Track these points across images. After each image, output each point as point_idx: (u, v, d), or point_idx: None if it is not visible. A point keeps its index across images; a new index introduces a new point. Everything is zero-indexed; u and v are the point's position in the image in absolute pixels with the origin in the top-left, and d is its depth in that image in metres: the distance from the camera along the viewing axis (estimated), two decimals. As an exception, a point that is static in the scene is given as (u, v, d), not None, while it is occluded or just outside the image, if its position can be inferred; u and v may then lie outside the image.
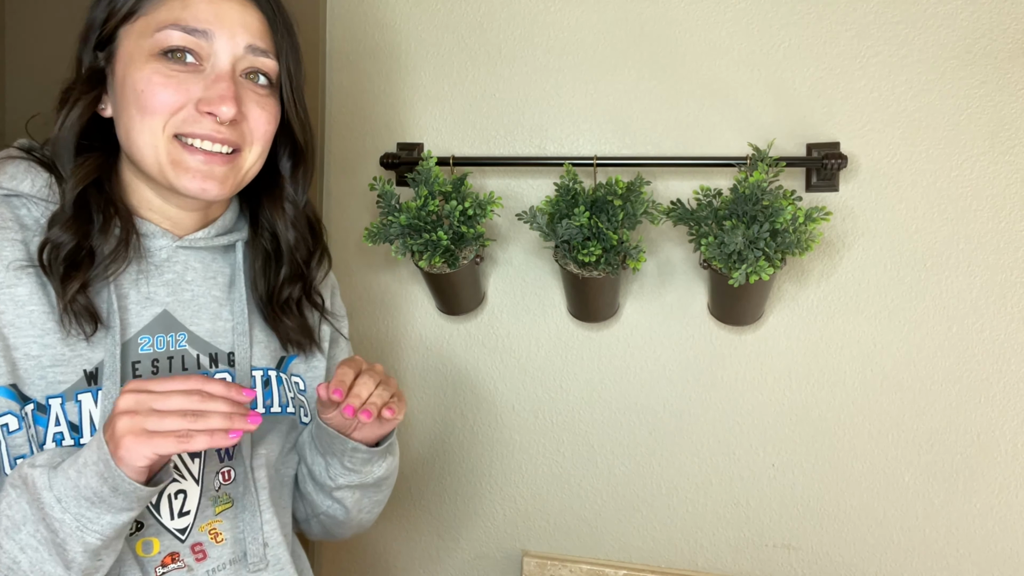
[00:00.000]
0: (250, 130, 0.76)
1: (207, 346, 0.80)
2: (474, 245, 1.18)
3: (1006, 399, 1.18)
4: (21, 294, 0.70)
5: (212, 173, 0.74)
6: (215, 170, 0.74)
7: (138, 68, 0.72)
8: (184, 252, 0.80)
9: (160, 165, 0.73)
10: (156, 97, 0.71)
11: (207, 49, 0.73)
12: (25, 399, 0.69)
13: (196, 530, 0.77)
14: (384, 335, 1.38)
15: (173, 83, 0.71)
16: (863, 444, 1.23)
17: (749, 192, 1.05)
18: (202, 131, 0.73)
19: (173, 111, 0.72)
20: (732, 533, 1.29)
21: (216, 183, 0.74)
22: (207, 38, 0.73)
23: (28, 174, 0.74)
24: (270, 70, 0.77)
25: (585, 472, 1.33)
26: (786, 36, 1.20)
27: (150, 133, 0.72)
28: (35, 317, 0.70)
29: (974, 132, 1.15)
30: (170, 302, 0.78)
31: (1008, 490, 1.19)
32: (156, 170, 0.73)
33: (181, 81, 0.72)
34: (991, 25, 1.14)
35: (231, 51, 0.74)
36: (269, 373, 0.84)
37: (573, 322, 1.31)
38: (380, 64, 1.34)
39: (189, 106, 0.72)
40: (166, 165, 0.73)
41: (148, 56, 0.72)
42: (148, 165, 0.73)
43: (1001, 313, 1.17)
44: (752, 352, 1.25)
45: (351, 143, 1.36)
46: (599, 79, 1.26)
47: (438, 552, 1.40)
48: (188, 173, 0.73)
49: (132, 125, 0.72)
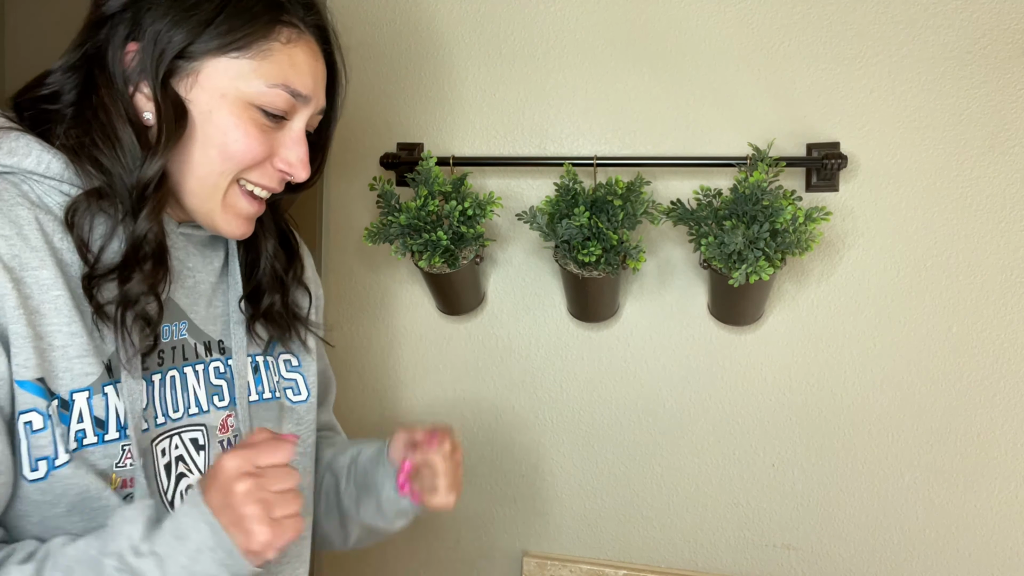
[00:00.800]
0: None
1: (202, 334, 0.79)
2: (474, 245, 1.18)
3: (1006, 399, 1.18)
4: (45, 278, 0.64)
5: (252, 220, 0.76)
6: (254, 215, 0.75)
7: (233, 112, 0.69)
8: (183, 237, 0.77)
9: (210, 203, 0.72)
10: (246, 148, 0.70)
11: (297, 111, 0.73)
12: (52, 395, 0.64)
13: None
14: (384, 335, 1.38)
15: (265, 138, 0.71)
16: (863, 444, 1.23)
17: (749, 192, 1.05)
18: (269, 184, 0.74)
19: (251, 163, 0.71)
20: (732, 533, 1.29)
21: (250, 224, 0.76)
22: (306, 104, 0.73)
23: (31, 149, 0.67)
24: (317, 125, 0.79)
25: (585, 472, 1.33)
26: (786, 36, 1.20)
27: (220, 176, 0.71)
28: (60, 303, 0.65)
29: (974, 132, 1.15)
30: (175, 288, 0.76)
31: (1008, 489, 1.19)
32: (199, 204, 0.72)
33: (270, 137, 0.72)
34: (991, 25, 1.14)
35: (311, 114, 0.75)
36: (257, 359, 0.83)
37: (573, 322, 1.31)
38: (380, 64, 1.34)
39: (264, 159, 0.72)
40: (217, 205, 0.72)
41: (247, 104, 0.70)
42: (194, 197, 0.72)
43: (1001, 313, 1.17)
44: (752, 352, 1.25)
45: (351, 143, 1.36)
46: (599, 79, 1.26)
47: (438, 552, 1.40)
48: (237, 219, 0.74)
49: (203, 162, 0.70)
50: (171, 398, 0.74)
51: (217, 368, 0.79)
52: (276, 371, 0.85)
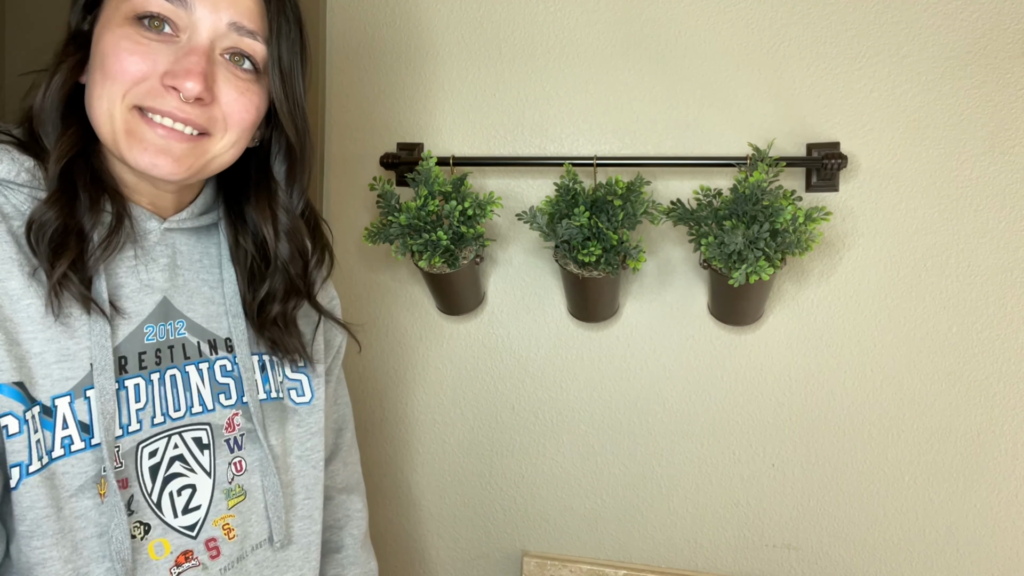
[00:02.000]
0: (223, 115, 0.70)
1: (205, 332, 0.78)
2: (474, 245, 1.18)
3: (1006, 399, 1.18)
4: (14, 288, 0.64)
5: (168, 148, 0.67)
6: (172, 146, 0.67)
7: (110, 31, 0.66)
8: (172, 235, 0.75)
9: (115, 134, 0.67)
10: (120, 63, 0.65)
11: (186, 20, 0.67)
12: (32, 401, 0.64)
13: (210, 525, 0.74)
14: (384, 335, 1.38)
15: (141, 50, 0.66)
16: (863, 444, 1.23)
17: (749, 192, 1.05)
18: (164, 107, 0.66)
19: (136, 80, 0.66)
20: (732, 533, 1.29)
21: (170, 160, 0.68)
22: (186, 7, 0.67)
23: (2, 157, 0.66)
24: (256, 54, 0.70)
25: (585, 472, 1.33)
26: (786, 36, 1.20)
27: (108, 100, 0.66)
28: (32, 311, 0.64)
29: (974, 132, 1.15)
30: (168, 288, 0.74)
31: (1008, 490, 1.19)
32: (111, 140, 0.68)
33: (151, 50, 0.66)
34: (991, 25, 1.14)
35: (211, 25, 0.68)
36: (264, 358, 0.82)
37: (573, 322, 1.30)
38: (380, 64, 1.34)
39: (154, 78, 0.66)
40: (120, 134, 0.67)
41: (123, 20, 0.66)
42: (104, 134, 0.68)
43: (1001, 313, 1.17)
44: (752, 352, 1.25)
45: (351, 143, 1.36)
46: (599, 79, 1.26)
47: (438, 552, 1.40)
48: (141, 145, 0.67)
49: (93, 90, 0.67)
50: (172, 397, 0.73)
51: (224, 366, 0.78)
52: (281, 371, 0.84)
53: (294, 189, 0.80)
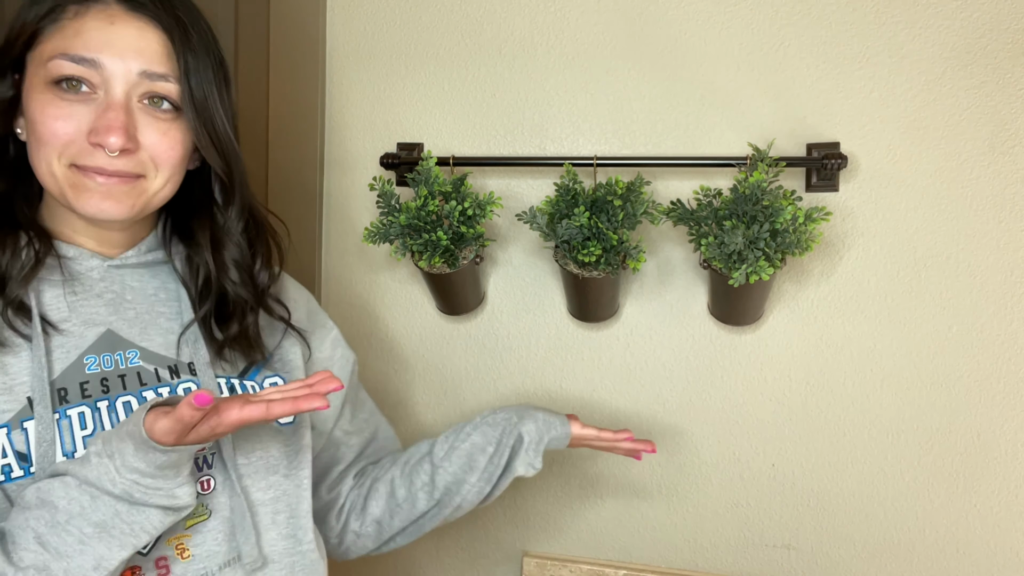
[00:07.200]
0: (150, 157, 0.74)
1: (164, 359, 0.79)
2: (474, 245, 1.18)
3: (1006, 399, 1.18)
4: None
5: (110, 193, 0.73)
6: (113, 190, 0.73)
7: (35, 97, 0.72)
8: (119, 272, 0.80)
9: (60, 189, 0.73)
10: (48, 128, 0.71)
11: (98, 77, 0.71)
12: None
13: (163, 544, 0.74)
14: (384, 335, 1.38)
15: (63, 114, 0.71)
16: (863, 444, 1.23)
17: (749, 192, 1.05)
18: (95, 163, 0.72)
19: (65, 143, 0.71)
20: (732, 533, 1.29)
21: (114, 202, 0.73)
22: (96, 67, 0.71)
23: None
24: (171, 94, 0.74)
25: (585, 472, 1.33)
26: (786, 36, 1.20)
27: (46, 162, 0.72)
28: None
29: (974, 132, 1.15)
30: (113, 321, 0.78)
31: (1008, 490, 1.19)
32: (58, 194, 0.73)
33: (73, 112, 0.71)
34: (991, 25, 1.14)
35: (123, 78, 0.72)
36: (232, 381, 0.83)
37: (573, 322, 1.31)
38: (380, 64, 1.34)
39: (80, 138, 0.71)
40: (66, 188, 0.72)
41: (43, 86, 0.71)
42: (51, 189, 0.73)
43: (1001, 313, 1.17)
44: (752, 352, 1.25)
45: (351, 143, 1.36)
46: (599, 79, 1.26)
47: (438, 552, 1.40)
48: (87, 194, 0.72)
49: (33, 153, 0.73)
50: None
51: (188, 388, 0.79)
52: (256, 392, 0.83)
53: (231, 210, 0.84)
